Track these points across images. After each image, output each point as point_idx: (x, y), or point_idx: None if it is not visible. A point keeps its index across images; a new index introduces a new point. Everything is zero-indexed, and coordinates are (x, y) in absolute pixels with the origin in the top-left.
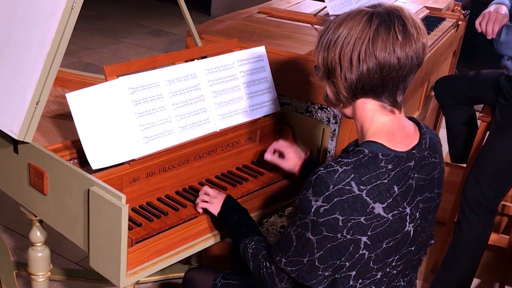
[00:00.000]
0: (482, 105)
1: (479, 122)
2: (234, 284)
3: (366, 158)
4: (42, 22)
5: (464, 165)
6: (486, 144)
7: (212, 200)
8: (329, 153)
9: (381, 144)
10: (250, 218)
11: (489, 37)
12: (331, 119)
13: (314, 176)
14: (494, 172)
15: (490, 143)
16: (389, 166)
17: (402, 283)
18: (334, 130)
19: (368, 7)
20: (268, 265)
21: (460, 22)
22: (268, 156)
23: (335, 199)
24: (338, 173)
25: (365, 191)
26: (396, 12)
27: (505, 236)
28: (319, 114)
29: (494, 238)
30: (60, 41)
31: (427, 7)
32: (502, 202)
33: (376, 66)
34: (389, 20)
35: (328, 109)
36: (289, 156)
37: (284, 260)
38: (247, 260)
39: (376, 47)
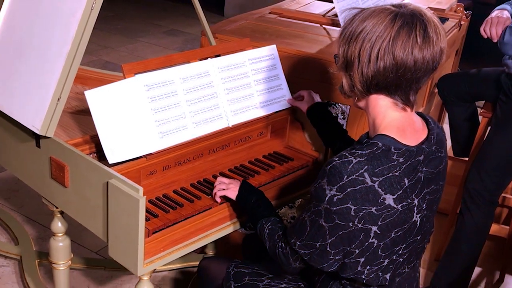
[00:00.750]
0: (483, 102)
1: (480, 118)
2: (246, 272)
3: (379, 151)
4: (63, 22)
5: (466, 159)
6: (487, 139)
7: (229, 186)
8: None
9: (393, 138)
10: (267, 199)
11: (495, 40)
12: (339, 114)
13: (329, 166)
14: (495, 166)
15: (491, 138)
16: (401, 160)
17: (407, 270)
18: (342, 125)
19: (393, 6)
20: (283, 245)
21: (462, 22)
22: (291, 101)
23: (349, 189)
24: (352, 164)
25: (377, 182)
26: (419, 15)
27: (505, 227)
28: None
29: (494, 228)
30: (80, 40)
31: (431, 8)
32: (503, 194)
33: (393, 66)
34: (412, 23)
35: (336, 105)
36: (305, 99)
37: (299, 243)
38: (263, 240)
39: (396, 47)
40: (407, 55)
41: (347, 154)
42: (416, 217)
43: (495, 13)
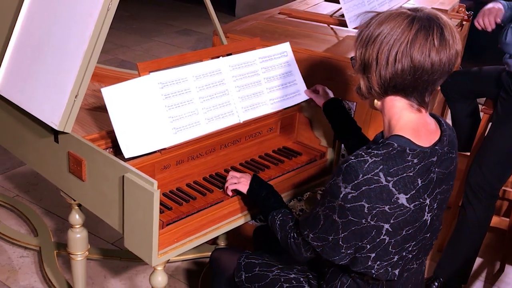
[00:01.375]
0: (484, 99)
1: (482, 114)
2: (257, 263)
3: (394, 152)
4: (80, 22)
5: (468, 153)
6: (488, 134)
7: (241, 180)
8: None
9: (408, 139)
10: (277, 192)
11: (489, 29)
12: None
13: (345, 164)
14: (496, 160)
15: (492, 133)
16: (415, 160)
17: (415, 265)
18: (356, 121)
19: (409, 10)
20: (295, 236)
21: (464, 22)
22: (307, 92)
23: (363, 188)
24: (368, 163)
25: (391, 182)
26: (436, 19)
27: (505, 219)
28: None
29: (495, 220)
30: (97, 39)
31: (434, 8)
32: (503, 188)
33: (410, 68)
34: (429, 26)
35: (343, 102)
36: (321, 94)
37: (311, 235)
38: (274, 231)
39: (413, 50)
40: (425, 58)
41: (363, 153)
42: (427, 216)
43: (488, 5)
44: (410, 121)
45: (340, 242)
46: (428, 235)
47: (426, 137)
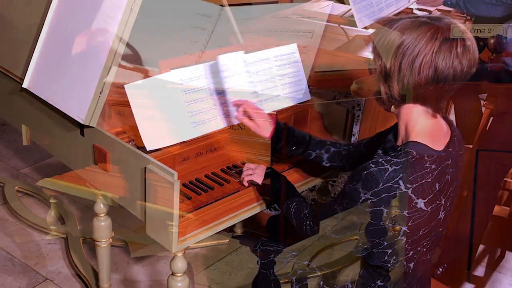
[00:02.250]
0: (486, 95)
1: (483, 109)
2: (272, 250)
3: (413, 159)
4: (105, 22)
5: (471, 146)
6: (489, 128)
7: (256, 171)
8: (354, 136)
9: (425, 144)
10: (290, 183)
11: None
12: (355, 106)
13: (365, 172)
14: (497, 153)
15: (493, 127)
16: (433, 166)
17: (428, 256)
18: (358, 116)
19: (430, 19)
20: (312, 224)
21: (466, 23)
22: (240, 115)
23: (383, 195)
24: (388, 172)
25: (411, 189)
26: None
27: (506, 208)
28: (344, 102)
29: (496, 209)
30: (120, 39)
31: (438, 10)
32: (504, 178)
33: (433, 79)
34: (453, 38)
35: (354, 99)
36: (260, 123)
37: (329, 228)
38: (290, 218)
39: (438, 61)
40: (448, 69)
41: (383, 161)
42: (441, 214)
43: None
44: (426, 126)
45: (358, 237)
46: (441, 229)
47: (440, 141)
